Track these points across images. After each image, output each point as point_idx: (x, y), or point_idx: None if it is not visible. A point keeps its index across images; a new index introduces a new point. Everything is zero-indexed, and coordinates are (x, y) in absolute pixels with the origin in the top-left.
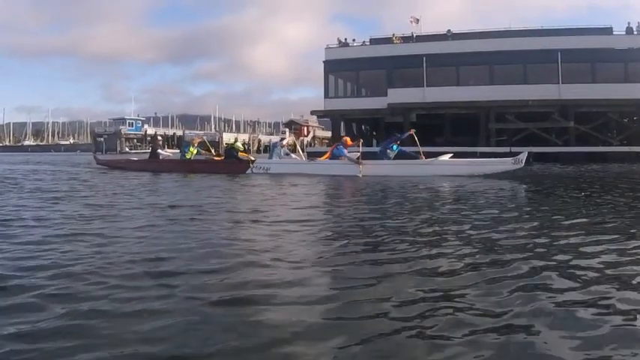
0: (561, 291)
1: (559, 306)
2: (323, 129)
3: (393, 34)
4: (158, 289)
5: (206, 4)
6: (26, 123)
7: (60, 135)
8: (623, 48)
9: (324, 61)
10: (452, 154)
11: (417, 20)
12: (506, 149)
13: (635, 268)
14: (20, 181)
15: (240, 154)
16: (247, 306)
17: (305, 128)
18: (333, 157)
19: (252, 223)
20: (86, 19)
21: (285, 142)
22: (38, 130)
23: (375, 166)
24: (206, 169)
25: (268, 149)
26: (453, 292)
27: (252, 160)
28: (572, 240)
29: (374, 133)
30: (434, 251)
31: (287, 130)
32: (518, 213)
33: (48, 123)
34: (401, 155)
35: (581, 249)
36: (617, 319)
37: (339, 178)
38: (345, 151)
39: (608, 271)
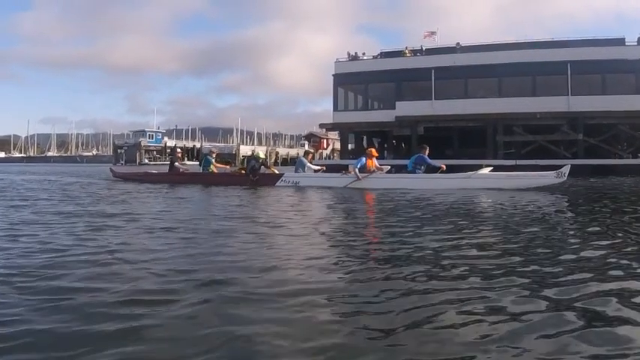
0: None
1: None
2: None
3: (406, 47)
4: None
5: (231, 16)
6: (50, 134)
7: (84, 146)
8: (634, 59)
9: (333, 75)
10: (492, 167)
11: (433, 33)
12: (512, 162)
13: None
14: (7, 189)
15: (271, 169)
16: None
17: (324, 141)
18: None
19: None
20: (110, 31)
21: (316, 168)
22: (63, 142)
23: (415, 180)
24: (225, 181)
25: (295, 162)
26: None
27: (274, 174)
28: None
29: (385, 145)
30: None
31: (306, 142)
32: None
33: (72, 135)
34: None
35: None
36: None
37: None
38: (359, 164)
39: None
